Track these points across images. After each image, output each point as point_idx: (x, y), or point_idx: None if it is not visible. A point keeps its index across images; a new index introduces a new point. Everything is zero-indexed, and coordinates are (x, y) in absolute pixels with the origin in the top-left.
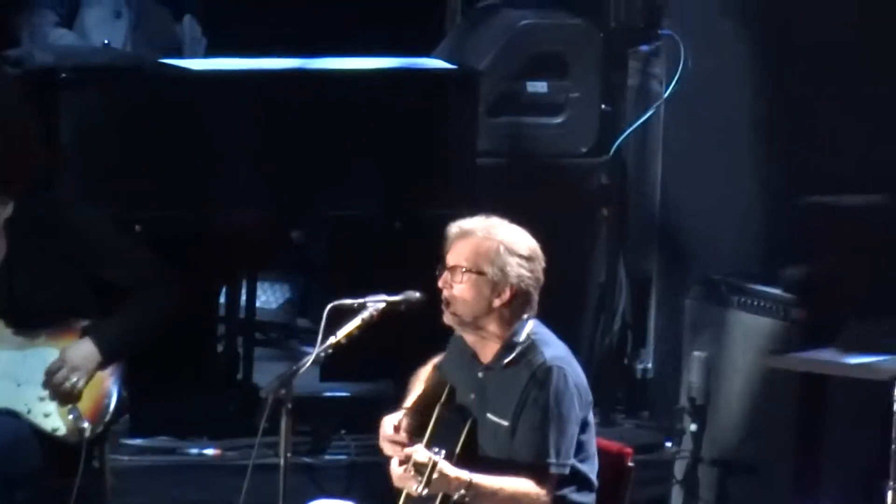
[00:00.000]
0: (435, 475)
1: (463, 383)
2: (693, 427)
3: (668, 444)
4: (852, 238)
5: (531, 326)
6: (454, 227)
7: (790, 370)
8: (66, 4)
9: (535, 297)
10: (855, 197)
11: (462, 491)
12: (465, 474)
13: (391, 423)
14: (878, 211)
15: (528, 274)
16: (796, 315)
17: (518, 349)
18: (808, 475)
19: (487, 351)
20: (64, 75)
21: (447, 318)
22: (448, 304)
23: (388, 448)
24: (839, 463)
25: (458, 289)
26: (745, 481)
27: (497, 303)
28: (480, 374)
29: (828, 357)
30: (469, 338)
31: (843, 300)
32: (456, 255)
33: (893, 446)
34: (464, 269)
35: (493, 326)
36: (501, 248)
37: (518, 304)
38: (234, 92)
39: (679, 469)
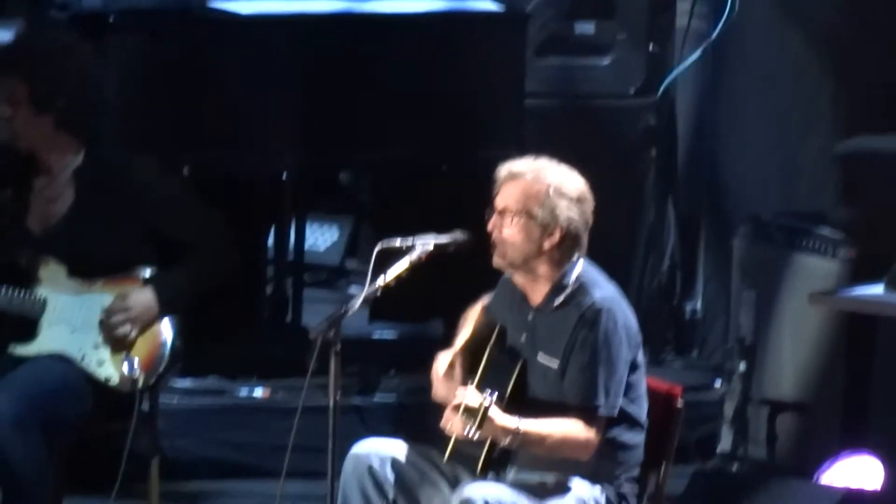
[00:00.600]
0: (486, 419)
1: (513, 325)
2: (742, 367)
3: (718, 384)
4: None
5: (581, 267)
6: (503, 170)
7: (839, 309)
8: None
9: (585, 238)
10: None
11: (510, 437)
12: (513, 422)
13: (445, 361)
14: None
15: (577, 216)
16: (845, 254)
17: (568, 291)
18: (856, 413)
19: (537, 293)
20: (112, 19)
21: (497, 261)
22: (498, 246)
23: (441, 387)
24: (888, 401)
25: (507, 231)
26: (795, 420)
27: (547, 245)
28: (531, 316)
29: (876, 296)
30: (519, 280)
31: (892, 239)
32: (505, 197)
33: None
34: (513, 212)
35: (542, 268)
36: (551, 191)
37: (567, 245)
38: (282, 35)
39: (728, 408)
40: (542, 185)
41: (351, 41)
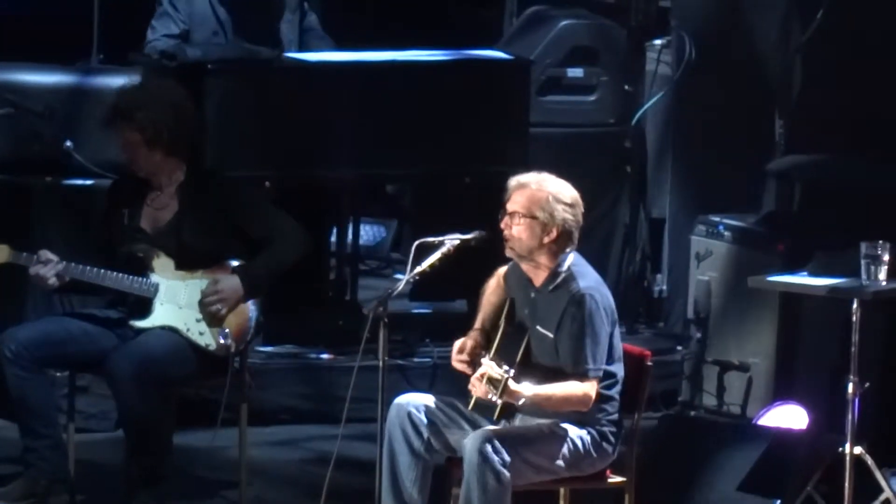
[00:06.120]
0: (506, 388)
1: (520, 300)
2: (698, 335)
3: (679, 348)
4: (818, 188)
5: (572, 259)
6: (513, 180)
7: (772, 290)
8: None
9: (576, 235)
10: (821, 157)
11: (523, 400)
12: (526, 389)
13: (457, 346)
14: (838, 167)
15: (570, 217)
16: (777, 248)
17: (560, 277)
18: (786, 372)
19: (538, 277)
20: (210, 66)
21: (508, 252)
22: (509, 240)
23: (457, 365)
24: (811, 361)
25: (516, 229)
26: (738, 377)
27: (546, 240)
28: (532, 295)
29: (801, 280)
30: (524, 266)
31: (812, 237)
32: (514, 202)
33: (853, 349)
34: (521, 214)
35: (542, 259)
36: (550, 198)
37: (562, 241)
38: (341, 78)
39: (687, 367)
40: (543, 193)
41: (395, 83)
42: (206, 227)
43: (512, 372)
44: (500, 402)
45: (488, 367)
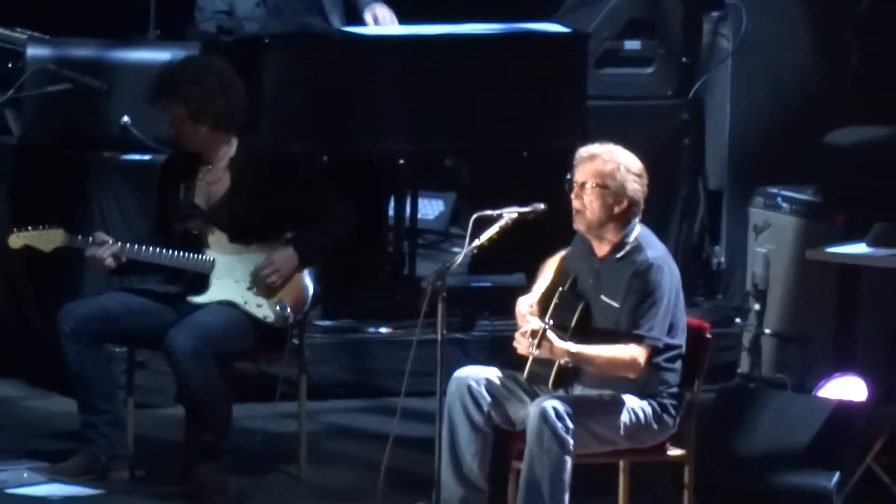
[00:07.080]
0: (544, 340)
1: (583, 271)
2: (756, 307)
3: (738, 321)
4: (876, 159)
5: (639, 230)
6: (583, 151)
7: (831, 261)
8: None
9: (642, 205)
10: (880, 128)
11: (566, 357)
12: (566, 345)
13: (525, 303)
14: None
15: (639, 188)
16: (836, 219)
17: (627, 248)
18: (845, 343)
19: (604, 247)
20: (267, 41)
21: (578, 224)
22: (579, 212)
23: (520, 320)
24: (870, 333)
25: (587, 200)
26: (797, 349)
27: (617, 210)
28: (597, 265)
29: (859, 251)
30: (591, 237)
31: (872, 207)
32: (585, 173)
33: None
34: (592, 185)
35: (610, 229)
36: (622, 168)
37: (632, 212)
38: (399, 51)
39: (746, 340)
40: (614, 164)
41: (453, 56)
42: (258, 200)
43: (550, 322)
44: (536, 352)
45: (530, 321)
